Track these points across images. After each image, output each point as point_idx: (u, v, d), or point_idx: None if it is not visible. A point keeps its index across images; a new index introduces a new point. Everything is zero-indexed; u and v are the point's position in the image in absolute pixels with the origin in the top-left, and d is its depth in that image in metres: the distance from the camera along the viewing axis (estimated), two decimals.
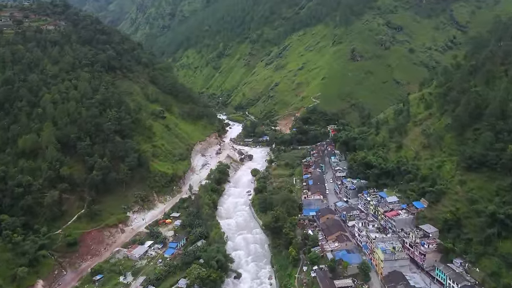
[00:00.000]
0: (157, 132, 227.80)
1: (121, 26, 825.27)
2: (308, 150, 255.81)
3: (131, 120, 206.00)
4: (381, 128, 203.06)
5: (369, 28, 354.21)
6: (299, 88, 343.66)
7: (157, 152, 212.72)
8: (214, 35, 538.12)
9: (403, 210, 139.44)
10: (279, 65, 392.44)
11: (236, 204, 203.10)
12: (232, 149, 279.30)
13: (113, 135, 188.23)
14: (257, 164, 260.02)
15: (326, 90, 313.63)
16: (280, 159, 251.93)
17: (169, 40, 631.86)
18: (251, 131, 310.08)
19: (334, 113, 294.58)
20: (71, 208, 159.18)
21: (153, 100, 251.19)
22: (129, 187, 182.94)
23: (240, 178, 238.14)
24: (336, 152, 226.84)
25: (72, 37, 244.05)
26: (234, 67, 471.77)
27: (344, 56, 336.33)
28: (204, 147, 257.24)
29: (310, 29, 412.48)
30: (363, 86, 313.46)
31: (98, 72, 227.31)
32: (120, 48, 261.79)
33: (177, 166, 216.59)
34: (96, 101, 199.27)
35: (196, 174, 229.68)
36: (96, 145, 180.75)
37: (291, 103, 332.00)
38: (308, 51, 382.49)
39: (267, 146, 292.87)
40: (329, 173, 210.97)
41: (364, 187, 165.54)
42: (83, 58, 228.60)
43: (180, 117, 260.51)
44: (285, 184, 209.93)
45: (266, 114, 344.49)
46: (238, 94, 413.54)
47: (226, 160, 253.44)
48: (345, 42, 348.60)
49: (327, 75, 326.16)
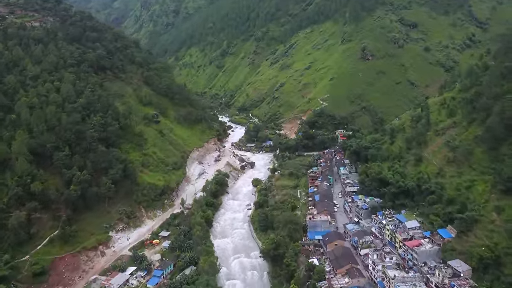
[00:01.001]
0: (149, 138, 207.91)
1: (126, 24, 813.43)
2: (315, 158, 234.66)
3: (118, 126, 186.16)
4: (397, 137, 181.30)
5: (381, 25, 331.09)
6: (305, 89, 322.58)
7: (148, 162, 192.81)
8: (218, 33, 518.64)
9: (426, 239, 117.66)
10: (285, 65, 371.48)
11: (233, 220, 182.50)
12: (232, 156, 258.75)
13: (96, 144, 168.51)
14: (259, 172, 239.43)
15: (334, 91, 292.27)
16: (284, 168, 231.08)
17: (172, 38, 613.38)
18: (254, 135, 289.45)
19: (343, 117, 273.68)
20: (42, 230, 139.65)
21: (146, 103, 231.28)
22: (112, 202, 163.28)
23: (240, 189, 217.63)
24: (345, 161, 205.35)
25: (59, 34, 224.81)
26: (238, 66, 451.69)
27: (354, 55, 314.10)
28: (202, 154, 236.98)
29: (318, 26, 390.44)
30: (375, 88, 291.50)
31: (85, 73, 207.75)
32: (111, 47, 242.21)
33: (169, 176, 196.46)
34: (79, 105, 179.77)
35: (191, 185, 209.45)
36: (76, 155, 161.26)
37: (297, 105, 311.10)
38: (316, 50, 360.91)
39: (270, 152, 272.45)
40: (338, 185, 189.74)
41: (378, 207, 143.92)
42: (69, 57, 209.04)
43: (176, 121, 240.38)
44: (288, 198, 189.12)
45: (271, 117, 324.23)
46: (241, 94, 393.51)
47: (225, 168, 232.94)
48: (355, 40, 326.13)
49: (335, 76, 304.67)
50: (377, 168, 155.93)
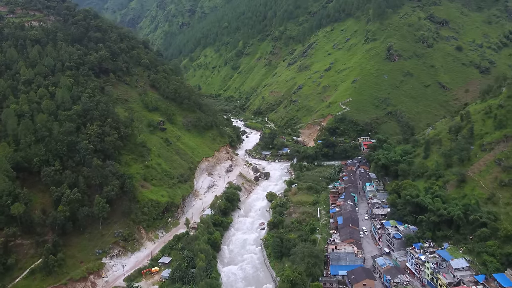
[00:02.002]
0: (153, 148, 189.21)
1: (141, 24, 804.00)
2: (336, 170, 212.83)
3: (117, 135, 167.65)
4: (432, 150, 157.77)
5: (408, 22, 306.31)
6: (325, 92, 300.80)
7: (151, 175, 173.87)
8: (233, 33, 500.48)
9: (478, 285, 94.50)
10: (303, 65, 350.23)
11: (245, 243, 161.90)
12: (245, 165, 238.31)
13: (91, 157, 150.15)
14: (275, 184, 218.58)
15: (357, 95, 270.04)
16: (301, 180, 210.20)
17: (187, 38, 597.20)
18: (270, 142, 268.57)
19: (367, 123, 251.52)
20: (22, 259, 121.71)
21: (152, 108, 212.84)
22: (107, 223, 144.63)
23: (252, 204, 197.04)
24: (371, 175, 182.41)
25: (59, 34, 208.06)
26: (254, 67, 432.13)
27: (378, 55, 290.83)
28: (212, 164, 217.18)
29: (339, 24, 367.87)
30: (402, 91, 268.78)
31: (84, 77, 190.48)
32: (116, 48, 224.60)
33: (175, 191, 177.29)
34: (74, 112, 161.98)
35: (199, 199, 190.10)
36: (68, 170, 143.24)
37: (316, 110, 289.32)
38: (337, 50, 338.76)
39: (287, 161, 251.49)
40: (363, 204, 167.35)
41: (414, 237, 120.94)
42: (68, 60, 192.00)
43: (184, 128, 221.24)
44: (306, 217, 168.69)
45: (287, 122, 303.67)
46: (257, 97, 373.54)
47: (237, 180, 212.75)
48: (380, 39, 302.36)
49: (358, 78, 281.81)
50: (412, 190, 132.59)
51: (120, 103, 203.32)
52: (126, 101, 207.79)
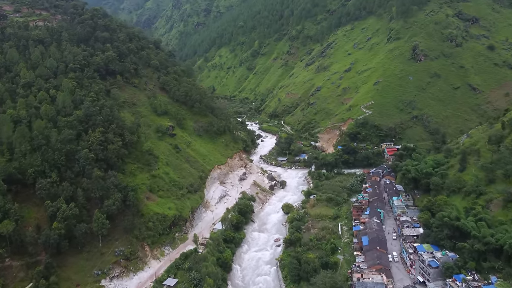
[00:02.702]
0: (161, 156, 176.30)
1: (157, 24, 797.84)
2: (358, 180, 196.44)
3: (122, 143, 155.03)
4: (469, 162, 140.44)
5: (435, 20, 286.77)
6: (345, 94, 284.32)
7: (157, 185, 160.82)
8: (249, 32, 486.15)
9: None
10: (322, 66, 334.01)
11: (258, 262, 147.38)
12: (260, 173, 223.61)
13: (91, 167, 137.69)
14: (292, 194, 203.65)
15: (380, 97, 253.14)
16: (320, 190, 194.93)
17: (202, 38, 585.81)
18: (286, 147, 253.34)
19: (391, 128, 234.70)
20: (11, 283, 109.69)
21: (161, 112, 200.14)
22: (108, 240, 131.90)
23: (267, 217, 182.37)
24: (398, 188, 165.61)
25: (64, 34, 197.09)
26: (270, 67, 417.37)
27: (403, 55, 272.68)
28: (224, 173, 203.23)
29: (359, 23, 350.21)
30: (428, 93, 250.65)
31: (89, 79, 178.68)
32: (124, 48, 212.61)
33: (183, 202, 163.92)
34: (75, 118, 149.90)
35: (210, 211, 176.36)
36: (65, 182, 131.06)
37: (336, 113, 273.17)
38: (357, 49, 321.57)
39: (304, 168, 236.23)
40: (390, 220, 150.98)
41: (454, 267, 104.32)
42: (72, 61, 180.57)
43: (195, 133, 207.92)
44: (327, 234, 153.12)
45: (305, 126, 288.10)
46: (273, 99, 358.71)
47: (251, 190, 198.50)
48: (404, 38, 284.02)
49: (381, 79, 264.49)
50: (449, 210, 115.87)
51: (127, 107, 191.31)
52: (133, 104, 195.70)
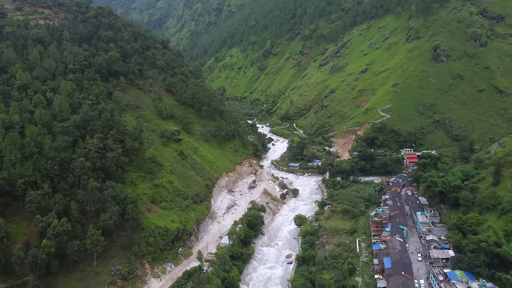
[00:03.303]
0: (166, 163, 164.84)
1: (168, 24, 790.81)
2: (376, 189, 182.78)
3: (122, 150, 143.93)
4: (504, 174, 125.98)
5: (457, 18, 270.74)
6: (361, 96, 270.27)
7: (160, 196, 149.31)
8: (261, 32, 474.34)
9: None
10: (336, 67, 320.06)
11: (268, 281, 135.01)
12: (271, 180, 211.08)
13: (87, 177, 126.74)
14: (304, 204, 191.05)
15: (399, 100, 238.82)
16: (335, 200, 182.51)
17: (213, 38, 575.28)
18: (298, 152, 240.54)
19: (410, 133, 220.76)
20: None
21: (166, 116, 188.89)
22: (104, 258, 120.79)
23: (278, 229, 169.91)
24: (422, 201, 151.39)
25: (65, 33, 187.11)
26: (282, 68, 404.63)
27: (423, 56, 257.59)
28: (233, 180, 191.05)
29: (376, 21, 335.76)
30: (451, 96, 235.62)
31: (90, 80, 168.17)
32: (128, 48, 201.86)
33: (188, 214, 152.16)
34: (72, 123, 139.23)
35: (216, 222, 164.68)
36: (58, 194, 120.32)
37: (351, 116, 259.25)
38: (374, 49, 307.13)
39: (318, 174, 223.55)
40: (414, 238, 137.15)
41: None
42: (72, 61, 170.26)
43: (202, 138, 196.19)
44: (343, 251, 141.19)
45: (318, 129, 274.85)
46: (285, 101, 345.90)
47: (261, 199, 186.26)
48: (425, 37, 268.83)
49: (400, 81, 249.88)
50: (487, 233, 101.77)
51: (131, 110, 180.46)
52: (137, 107, 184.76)
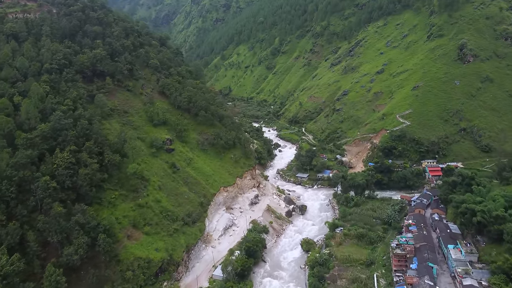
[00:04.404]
0: (154, 178, 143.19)
1: (176, 20, 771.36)
2: (395, 209, 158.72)
3: (99, 165, 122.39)
4: None
5: (486, 14, 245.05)
6: (377, 99, 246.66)
7: (144, 218, 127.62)
8: (269, 28, 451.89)
9: None
10: (349, 67, 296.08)
11: None
12: (275, 194, 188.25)
13: (52, 200, 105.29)
14: (312, 224, 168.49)
15: (420, 105, 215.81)
16: (349, 221, 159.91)
17: (220, 35, 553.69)
18: (307, 162, 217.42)
19: (433, 142, 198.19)
20: None
21: (158, 122, 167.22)
22: None
23: (282, 254, 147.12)
24: (453, 229, 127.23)
25: (45, 28, 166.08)
26: (291, 67, 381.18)
27: (447, 55, 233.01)
28: (232, 196, 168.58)
29: (394, 17, 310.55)
30: (479, 101, 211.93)
31: (69, 82, 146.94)
32: (118, 45, 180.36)
33: (176, 240, 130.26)
34: (39, 134, 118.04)
35: (211, 247, 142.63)
36: (13, 222, 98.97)
37: (366, 122, 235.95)
38: (391, 48, 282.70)
39: (329, 187, 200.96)
40: (445, 277, 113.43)
41: None
42: (50, 60, 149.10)
43: (198, 148, 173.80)
44: None
45: (329, 135, 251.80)
46: (293, 102, 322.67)
47: (264, 217, 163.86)
48: (449, 35, 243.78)
49: (421, 83, 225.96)
50: None
51: (117, 116, 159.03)
52: (125, 113, 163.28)
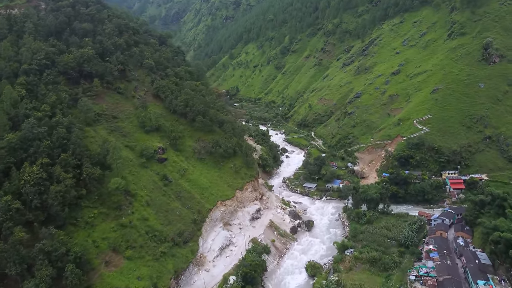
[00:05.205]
0: (141, 192, 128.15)
1: (185, 18, 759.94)
2: (413, 229, 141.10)
3: (76, 179, 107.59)
4: None
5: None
6: (393, 103, 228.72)
7: (127, 240, 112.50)
8: (279, 26, 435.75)
9: None
10: (363, 67, 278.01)
11: None
12: (280, 207, 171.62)
13: (13, 224, 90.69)
14: (320, 242, 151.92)
15: (439, 110, 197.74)
16: (360, 241, 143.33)
17: (229, 33, 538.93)
18: (316, 171, 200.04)
19: (455, 152, 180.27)
20: None
21: (150, 128, 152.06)
22: None
23: (285, 278, 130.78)
24: (482, 258, 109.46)
25: (28, 25, 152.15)
26: (301, 67, 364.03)
27: (470, 56, 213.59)
28: (231, 210, 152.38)
29: (411, 14, 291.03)
30: (506, 106, 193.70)
31: (49, 84, 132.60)
32: (109, 43, 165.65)
33: (163, 265, 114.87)
34: (6, 145, 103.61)
35: (204, 271, 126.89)
36: None
37: (380, 127, 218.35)
38: (408, 47, 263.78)
39: (338, 199, 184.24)
40: None
41: None
42: (29, 60, 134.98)
43: (195, 156, 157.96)
44: None
45: (340, 141, 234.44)
46: (303, 104, 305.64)
47: (265, 235, 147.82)
48: (472, 34, 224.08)
49: (441, 86, 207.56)
50: None
51: (104, 122, 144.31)
52: (113, 118, 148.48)
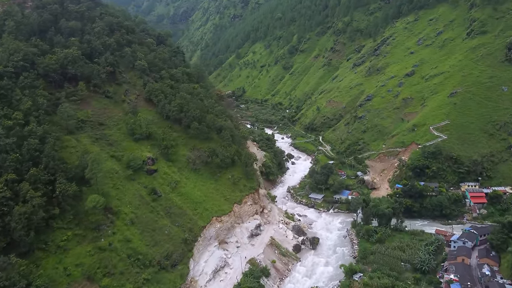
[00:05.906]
0: (126, 209, 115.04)
1: (194, 17, 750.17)
2: (429, 250, 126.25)
3: (47, 197, 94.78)
4: None
5: None
6: (406, 107, 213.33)
7: (105, 265, 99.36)
8: (287, 25, 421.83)
9: None
10: (374, 68, 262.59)
11: None
12: (282, 222, 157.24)
13: None
14: (326, 262, 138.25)
15: (458, 115, 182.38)
16: (370, 263, 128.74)
17: (236, 32, 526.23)
18: (323, 180, 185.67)
19: (475, 161, 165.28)
20: None
21: (140, 136, 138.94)
22: None
23: None
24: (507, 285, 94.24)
25: (9, 23, 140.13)
26: (310, 67, 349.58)
27: (492, 56, 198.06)
28: (227, 227, 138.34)
29: (426, 12, 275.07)
30: None
31: (26, 89, 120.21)
32: (98, 43, 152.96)
33: None
34: None
35: None
36: None
37: (393, 133, 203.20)
38: (423, 47, 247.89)
39: (347, 212, 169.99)
40: None
41: None
42: (5, 62, 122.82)
43: (189, 167, 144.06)
44: None
45: (350, 147, 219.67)
46: (311, 107, 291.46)
47: (265, 255, 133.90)
48: (494, 32, 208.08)
49: (460, 89, 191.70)
50: None
51: (89, 129, 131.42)
52: (100, 125, 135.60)
